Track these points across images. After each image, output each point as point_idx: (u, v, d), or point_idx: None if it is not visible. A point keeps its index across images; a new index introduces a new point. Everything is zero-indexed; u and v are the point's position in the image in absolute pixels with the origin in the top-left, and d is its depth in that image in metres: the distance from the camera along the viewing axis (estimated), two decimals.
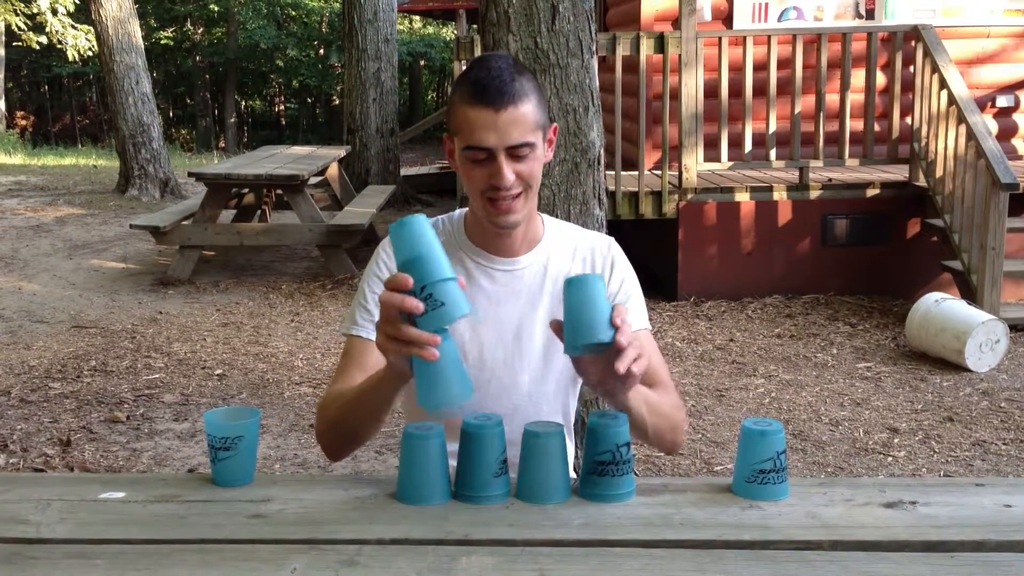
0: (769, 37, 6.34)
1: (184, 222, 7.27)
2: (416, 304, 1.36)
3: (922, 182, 6.28)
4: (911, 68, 6.41)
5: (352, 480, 1.57)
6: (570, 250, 1.79)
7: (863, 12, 7.46)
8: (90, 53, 15.13)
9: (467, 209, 1.78)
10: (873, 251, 6.47)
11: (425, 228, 1.39)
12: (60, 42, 15.04)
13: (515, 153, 1.59)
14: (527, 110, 1.58)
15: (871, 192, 6.44)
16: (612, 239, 1.84)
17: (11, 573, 1.25)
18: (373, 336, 1.64)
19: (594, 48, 3.19)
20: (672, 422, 1.66)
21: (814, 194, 6.42)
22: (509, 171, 1.59)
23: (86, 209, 10.33)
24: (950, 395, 4.64)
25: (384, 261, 1.76)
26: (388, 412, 1.61)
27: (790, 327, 5.82)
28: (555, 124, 1.73)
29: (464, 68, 1.65)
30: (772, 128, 6.37)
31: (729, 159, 6.46)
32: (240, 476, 1.51)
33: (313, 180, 8.60)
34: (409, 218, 1.39)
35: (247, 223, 8.28)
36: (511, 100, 1.56)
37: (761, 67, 6.35)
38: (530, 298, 1.75)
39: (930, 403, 4.54)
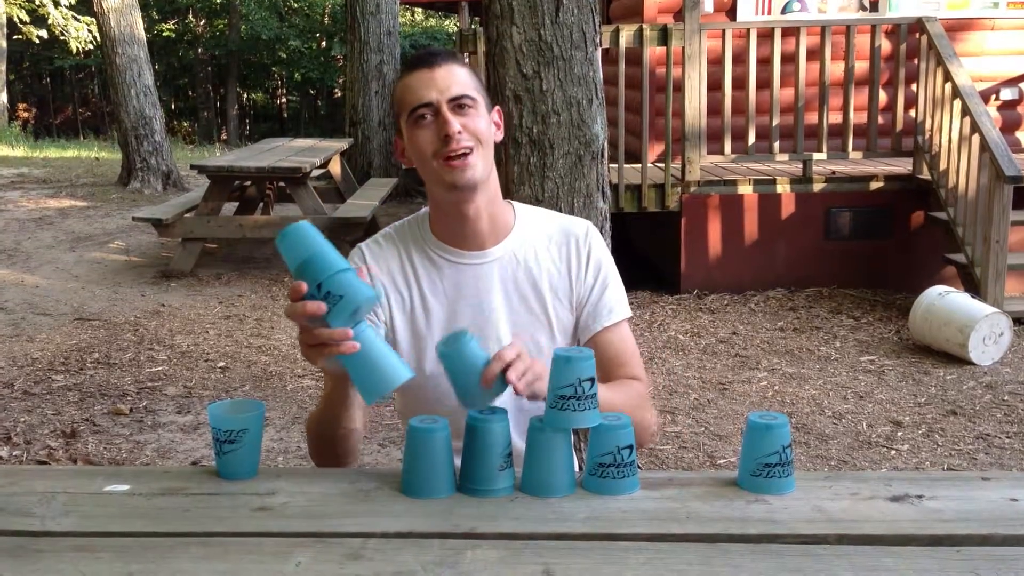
0: (773, 29, 6.32)
1: (186, 215, 7.26)
2: (318, 306, 1.37)
3: (926, 175, 6.27)
4: (915, 61, 6.39)
5: (357, 473, 1.57)
6: (544, 237, 1.77)
7: (867, 4, 7.44)
8: (92, 45, 15.11)
9: (430, 208, 1.78)
10: (877, 244, 6.46)
11: (305, 231, 1.41)
12: (63, 34, 15.03)
13: (458, 103, 1.62)
14: (462, 72, 1.66)
15: (875, 185, 6.43)
16: (590, 223, 1.82)
17: (16, 566, 1.25)
18: None
19: (598, 40, 3.18)
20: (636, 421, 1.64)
21: (817, 187, 6.41)
22: (455, 121, 1.61)
23: (88, 202, 10.33)
24: (953, 388, 4.63)
25: None
26: (351, 417, 1.64)
27: (793, 320, 5.81)
28: (497, 107, 1.75)
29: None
30: (775, 121, 6.35)
31: (732, 152, 6.45)
32: (244, 469, 1.51)
33: (315, 173, 8.60)
34: (289, 227, 1.42)
35: (249, 216, 8.26)
36: (444, 60, 1.65)
37: (765, 59, 6.33)
38: (504, 288, 1.73)
39: (933, 396, 4.53)
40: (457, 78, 1.64)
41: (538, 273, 1.74)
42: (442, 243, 1.74)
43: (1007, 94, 7.51)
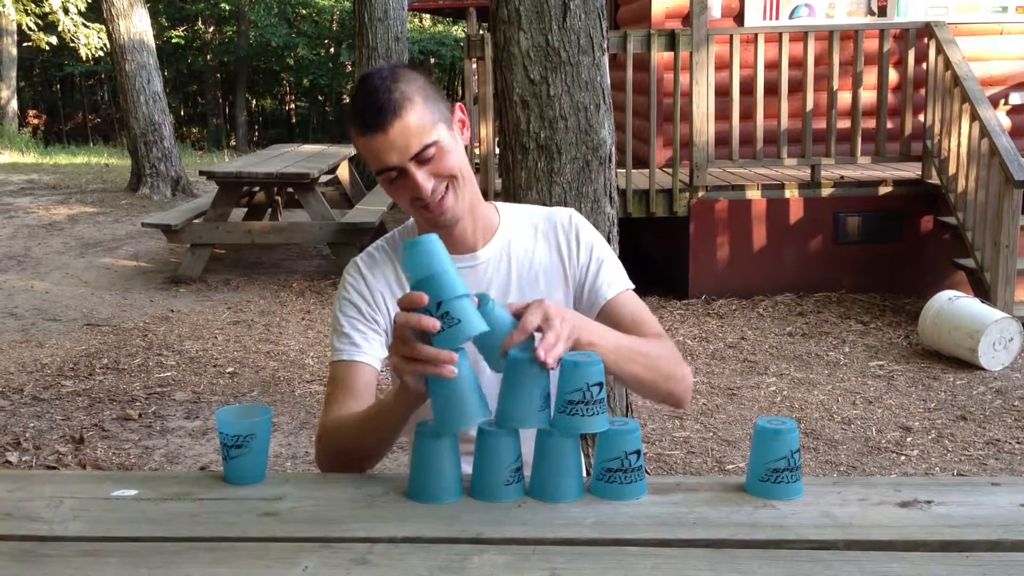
0: (780, 34, 6.32)
1: (195, 220, 7.29)
2: (433, 322, 1.35)
3: (935, 180, 6.25)
4: (923, 65, 6.38)
5: (364, 478, 1.57)
6: (530, 230, 1.78)
7: (875, 9, 7.43)
8: (102, 52, 15.17)
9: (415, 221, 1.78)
10: (885, 249, 6.44)
11: (438, 246, 1.39)
12: (72, 41, 15.10)
13: (421, 158, 1.58)
14: (414, 116, 1.56)
15: (883, 190, 6.41)
16: (572, 210, 1.82)
17: (24, 570, 1.25)
18: (357, 358, 1.68)
19: (605, 46, 3.18)
20: (662, 370, 1.63)
21: (826, 192, 6.40)
22: (425, 179, 1.59)
23: (98, 207, 10.37)
24: (963, 393, 4.62)
25: (351, 284, 1.75)
26: (400, 433, 1.61)
27: (802, 325, 5.80)
28: (458, 103, 1.71)
29: (352, 92, 1.65)
30: (784, 126, 6.34)
31: (740, 157, 6.44)
32: (252, 474, 1.51)
33: (324, 178, 8.62)
34: (423, 237, 1.40)
35: (258, 221, 8.29)
36: (394, 114, 1.55)
37: (772, 64, 6.33)
38: (500, 289, 1.73)
39: (943, 402, 4.52)
40: (413, 130, 1.56)
41: (530, 265, 1.75)
42: None
43: (1016, 98, 7.49)
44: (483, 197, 1.76)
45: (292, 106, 28.64)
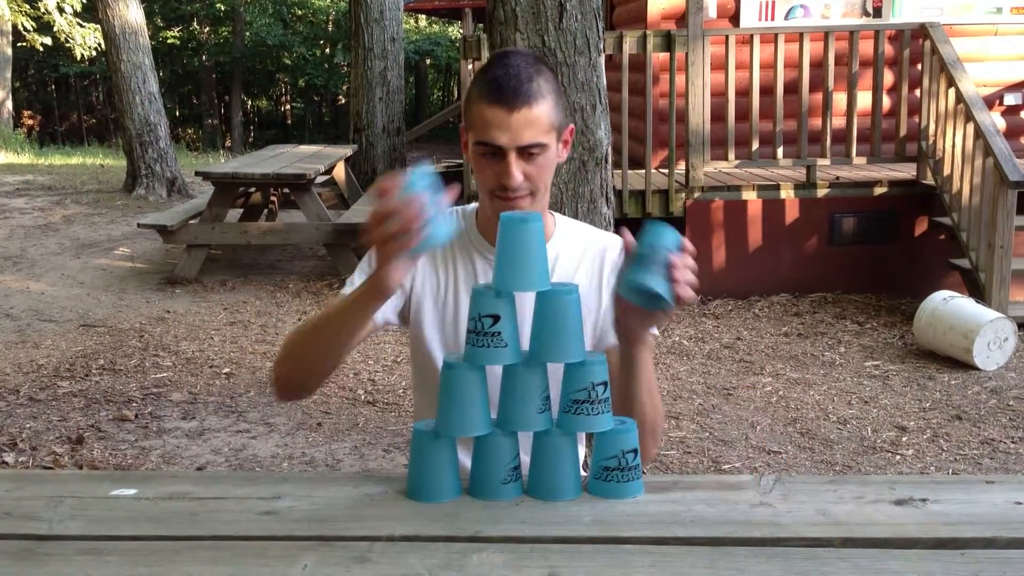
0: (776, 35, 6.33)
1: (191, 221, 7.28)
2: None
3: (930, 180, 6.27)
4: (918, 66, 6.39)
5: (362, 477, 1.57)
6: (579, 248, 1.78)
7: (870, 10, 7.45)
8: (96, 52, 15.15)
9: (479, 204, 1.78)
10: (881, 249, 6.46)
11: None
12: (67, 41, 15.07)
13: (526, 153, 1.59)
14: (542, 111, 1.58)
15: (879, 190, 6.43)
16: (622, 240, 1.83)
17: (24, 570, 1.25)
18: None
19: (601, 46, 3.19)
20: (654, 422, 1.66)
21: (821, 192, 6.41)
22: (518, 171, 1.59)
23: (93, 208, 10.35)
24: (958, 393, 4.63)
25: None
26: (354, 340, 1.61)
27: (797, 325, 5.81)
28: (571, 125, 1.72)
29: (486, 62, 1.66)
30: (779, 126, 6.36)
31: (736, 157, 6.46)
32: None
33: (320, 179, 8.61)
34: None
35: (254, 222, 8.28)
36: (526, 101, 1.56)
37: (768, 65, 6.34)
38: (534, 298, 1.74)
39: (938, 401, 4.53)
40: (534, 123, 1.57)
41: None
42: (484, 240, 1.74)
43: (1010, 99, 7.51)
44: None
45: (288, 107, 28.61)
